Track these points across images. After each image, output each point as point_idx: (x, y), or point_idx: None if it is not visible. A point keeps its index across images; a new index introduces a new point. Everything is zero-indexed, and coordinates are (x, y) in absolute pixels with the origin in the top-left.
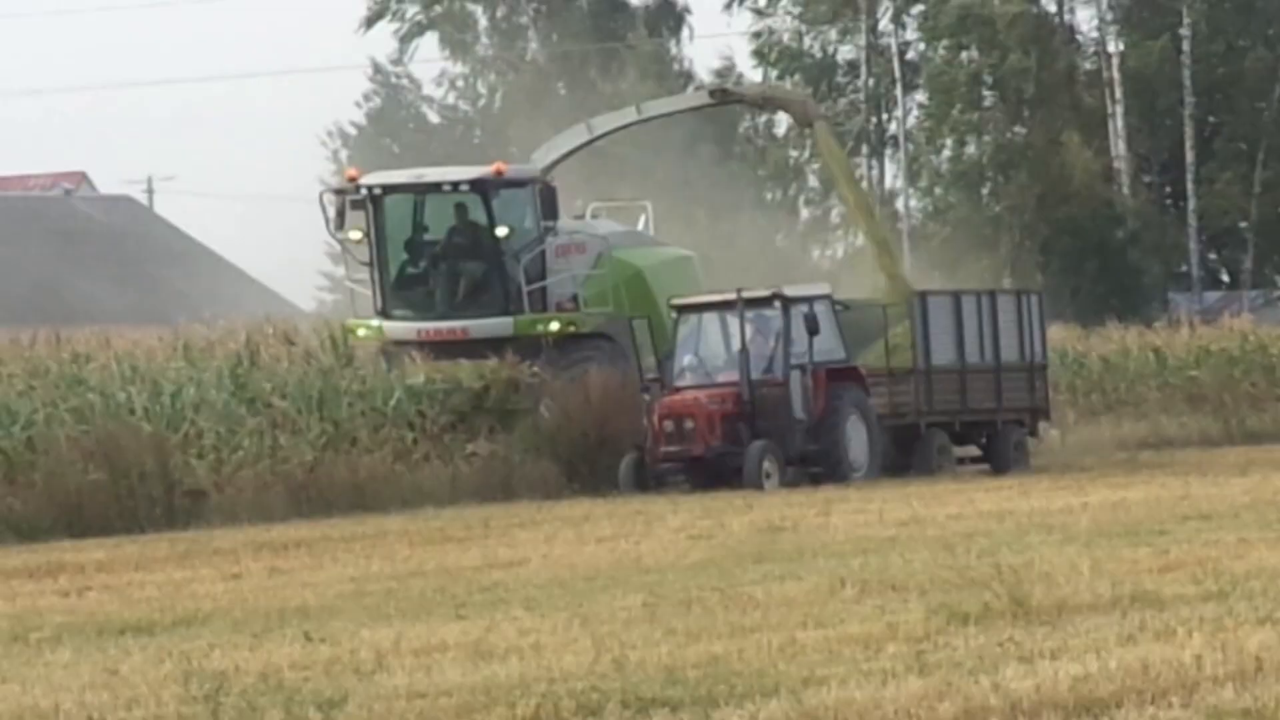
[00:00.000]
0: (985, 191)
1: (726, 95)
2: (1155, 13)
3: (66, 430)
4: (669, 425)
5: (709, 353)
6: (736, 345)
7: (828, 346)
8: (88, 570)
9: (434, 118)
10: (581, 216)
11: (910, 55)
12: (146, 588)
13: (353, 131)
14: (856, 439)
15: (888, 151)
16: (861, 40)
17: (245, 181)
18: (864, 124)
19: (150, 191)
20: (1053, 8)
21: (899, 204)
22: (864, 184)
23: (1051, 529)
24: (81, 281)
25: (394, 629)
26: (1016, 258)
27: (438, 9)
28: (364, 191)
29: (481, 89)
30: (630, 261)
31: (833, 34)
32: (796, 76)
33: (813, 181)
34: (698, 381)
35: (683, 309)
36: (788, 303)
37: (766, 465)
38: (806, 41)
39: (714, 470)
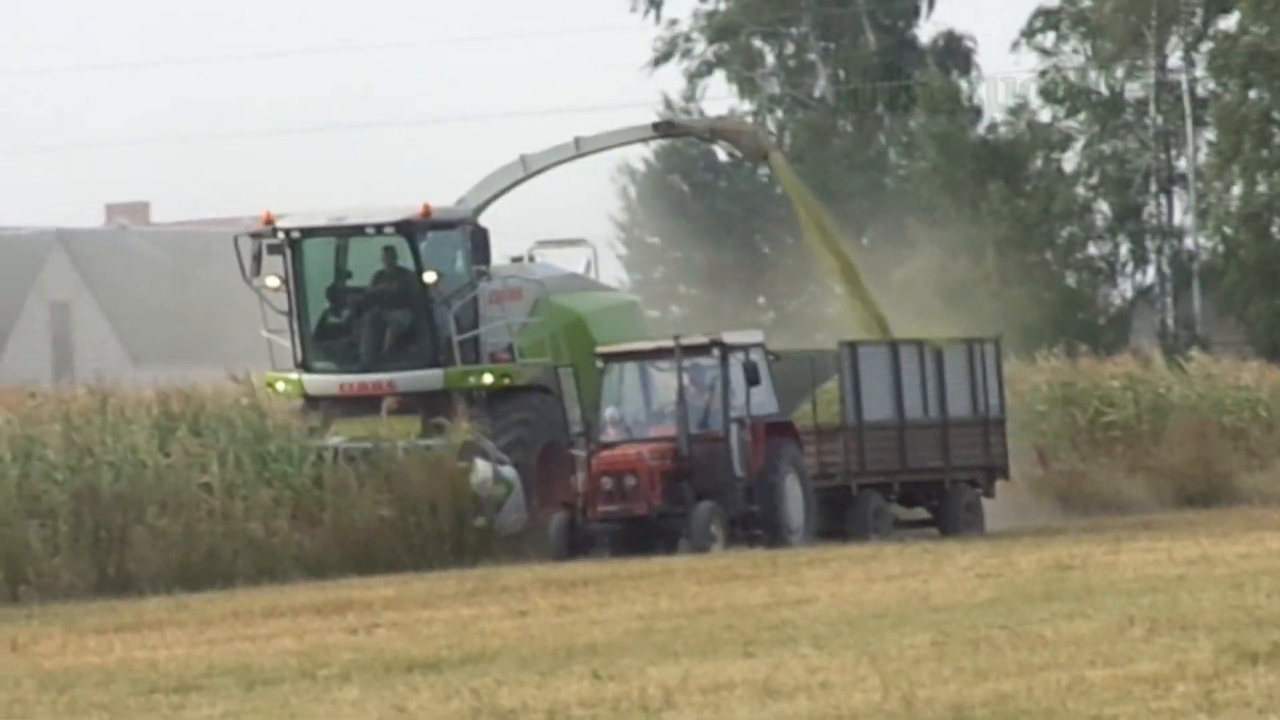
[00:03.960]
0: (1276, 231)
1: (671, 128)
2: None
3: (355, 467)
4: (608, 482)
5: (636, 405)
6: (665, 397)
7: (761, 399)
8: (376, 607)
9: (722, 155)
10: (521, 259)
11: (1200, 92)
12: (434, 625)
13: (641, 168)
14: (793, 499)
15: (1175, 189)
16: (1150, 78)
17: (534, 223)
18: (1152, 161)
19: None
20: None
21: (1188, 242)
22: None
23: None
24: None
25: (682, 667)
26: None
27: (726, 47)
28: (281, 235)
29: (770, 127)
30: (570, 307)
31: (1120, 71)
32: (1082, 115)
33: (1100, 220)
34: (622, 436)
35: (609, 358)
36: (726, 350)
37: (713, 528)
38: (1093, 78)
39: (652, 531)
